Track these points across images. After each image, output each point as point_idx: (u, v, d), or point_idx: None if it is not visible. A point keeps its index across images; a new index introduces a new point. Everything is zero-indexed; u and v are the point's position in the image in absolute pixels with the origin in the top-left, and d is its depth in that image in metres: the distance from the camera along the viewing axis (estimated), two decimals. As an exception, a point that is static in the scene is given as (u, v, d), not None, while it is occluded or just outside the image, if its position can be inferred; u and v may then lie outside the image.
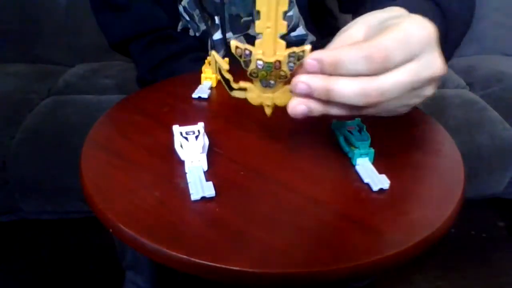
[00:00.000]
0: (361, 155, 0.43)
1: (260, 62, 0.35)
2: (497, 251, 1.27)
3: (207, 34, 0.74)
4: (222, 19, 0.72)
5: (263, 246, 0.34)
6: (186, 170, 0.42)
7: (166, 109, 0.55)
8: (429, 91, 0.36)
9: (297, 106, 0.35)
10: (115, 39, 0.77)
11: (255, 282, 0.32)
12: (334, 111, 0.35)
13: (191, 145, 0.43)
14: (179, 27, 0.77)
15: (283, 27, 0.34)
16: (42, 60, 1.43)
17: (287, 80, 0.36)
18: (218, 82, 0.62)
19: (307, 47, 0.34)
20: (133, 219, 0.36)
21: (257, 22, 0.34)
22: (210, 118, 0.54)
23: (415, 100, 0.36)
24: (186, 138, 0.44)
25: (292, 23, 0.72)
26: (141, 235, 0.34)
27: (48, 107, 1.19)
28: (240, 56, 0.35)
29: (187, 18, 0.74)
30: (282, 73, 0.36)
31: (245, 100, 0.40)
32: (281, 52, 0.35)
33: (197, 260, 0.32)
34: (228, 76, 0.38)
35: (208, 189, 0.38)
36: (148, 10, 0.74)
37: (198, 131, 0.45)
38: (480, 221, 1.35)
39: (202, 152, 0.42)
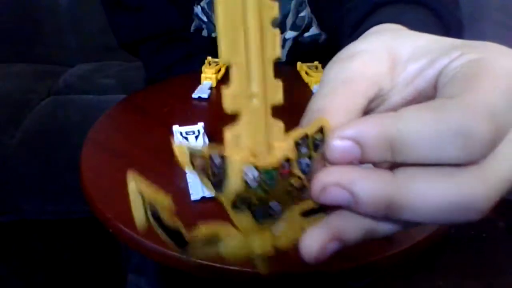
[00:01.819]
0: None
1: (252, 173, 0.17)
2: (497, 251, 1.27)
3: None
4: None
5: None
6: (186, 170, 0.42)
7: (166, 109, 0.55)
8: None
9: (326, 247, 0.17)
10: (127, 39, 0.77)
11: (255, 282, 0.32)
12: (384, 231, 0.18)
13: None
14: (192, 28, 0.77)
15: (278, 92, 0.17)
16: (42, 60, 1.43)
17: (301, 197, 0.18)
18: (218, 82, 0.61)
19: (323, 120, 0.17)
20: (133, 219, 0.36)
21: (227, 92, 0.16)
22: (210, 118, 0.54)
23: None
24: (186, 138, 0.44)
25: (305, 22, 0.72)
26: (141, 235, 0.34)
27: (48, 107, 1.19)
28: (204, 171, 0.17)
29: (204, 18, 0.74)
30: (294, 182, 0.17)
31: None
32: (283, 141, 0.17)
33: (197, 260, 0.32)
34: (173, 218, 0.18)
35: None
36: (161, 11, 0.74)
37: (198, 131, 0.45)
38: (480, 221, 1.34)
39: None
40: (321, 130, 0.17)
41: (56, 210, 1.14)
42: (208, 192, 0.38)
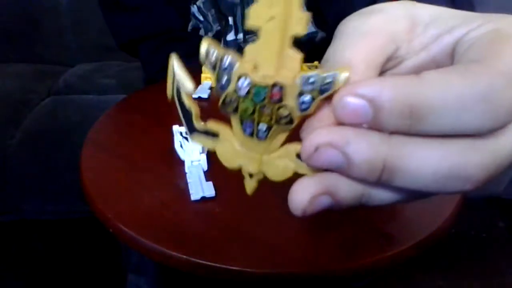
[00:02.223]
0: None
1: (244, 81, 0.18)
2: (497, 251, 1.27)
3: (220, 34, 0.74)
4: (235, 19, 0.72)
5: (263, 246, 0.34)
6: (186, 170, 0.42)
7: (166, 109, 0.55)
8: None
9: (316, 199, 0.17)
10: (124, 39, 0.77)
11: (255, 282, 0.32)
12: (379, 198, 0.17)
13: (191, 145, 0.43)
14: (189, 27, 0.77)
15: (300, 23, 0.17)
16: (42, 60, 1.44)
17: (293, 130, 0.18)
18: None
19: (343, 73, 0.16)
20: (133, 219, 0.36)
21: (252, 8, 0.17)
22: (210, 118, 0.54)
23: None
24: (186, 138, 0.44)
25: None
26: (141, 235, 0.34)
27: (48, 107, 1.19)
28: (214, 68, 0.19)
29: (201, 18, 0.74)
30: (283, 111, 0.18)
31: None
32: (291, 71, 0.17)
33: (197, 260, 0.32)
34: (190, 103, 0.20)
35: (208, 189, 0.38)
36: (159, 11, 0.74)
37: (198, 131, 0.45)
38: (480, 221, 1.35)
39: (202, 152, 0.42)
40: (334, 76, 0.16)
41: (56, 210, 1.14)
42: (208, 192, 0.38)
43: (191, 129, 0.20)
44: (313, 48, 0.73)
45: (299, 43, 0.18)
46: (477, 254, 1.26)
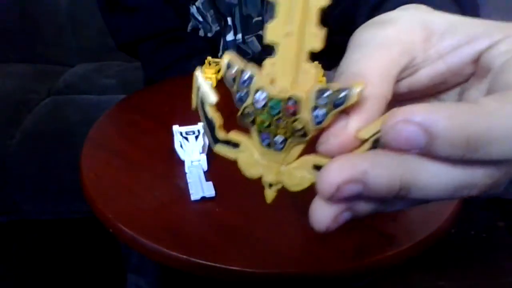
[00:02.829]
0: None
1: (261, 94, 0.19)
2: (497, 251, 1.27)
3: (220, 34, 0.74)
4: (234, 20, 0.72)
5: (263, 246, 0.34)
6: (186, 170, 0.42)
7: (166, 109, 0.55)
8: None
9: (339, 216, 0.17)
10: (124, 40, 0.77)
11: (255, 282, 0.32)
12: (394, 206, 0.18)
13: (191, 145, 0.43)
14: (189, 28, 0.77)
15: (316, 39, 0.18)
16: (42, 60, 1.43)
17: (310, 142, 0.19)
18: (219, 82, 0.61)
19: (357, 88, 0.17)
20: (133, 219, 0.36)
21: (269, 24, 0.18)
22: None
23: None
24: (186, 138, 0.44)
25: None
26: (141, 235, 0.34)
27: (48, 107, 1.19)
28: (234, 80, 0.19)
29: (200, 18, 0.74)
30: (298, 124, 0.18)
31: None
32: (306, 85, 0.18)
33: (197, 260, 0.32)
34: (214, 114, 0.21)
35: (208, 189, 0.38)
36: (159, 12, 0.74)
37: (198, 131, 0.45)
38: (480, 221, 1.35)
39: (202, 152, 0.42)
40: (348, 93, 0.17)
41: (56, 210, 1.14)
42: (208, 192, 0.38)
43: (215, 140, 0.21)
44: None
45: None
46: (477, 254, 1.26)
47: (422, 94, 0.21)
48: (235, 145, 0.21)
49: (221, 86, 0.62)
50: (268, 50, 0.55)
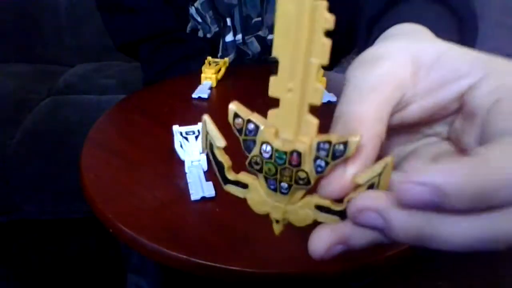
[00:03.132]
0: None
1: (267, 148, 0.21)
2: (497, 251, 1.27)
3: (219, 35, 0.74)
4: (233, 21, 0.72)
5: (263, 246, 0.34)
6: (186, 170, 0.42)
7: (166, 109, 0.55)
8: None
9: (332, 247, 0.20)
10: (123, 41, 0.77)
11: (255, 282, 0.32)
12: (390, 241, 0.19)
13: (191, 145, 0.43)
14: (188, 28, 0.77)
15: (316, 94, 0.19)
16: (42, 60, 1.44)
17: (310, 188, 0.21)
18: (218, 82, 0.61)
19: (354, 138, 0.18)
20: (133, 219, 0.36)
21: (272, 79, 0.19)
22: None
23: None
24: (186, 138, 0.44)
25: None
26: (141, 235, 0.34)
27: (48, 107, 1.19)
28: (240, 131, 0.21)
29: (199, 19, 0.74)
30: (301, 174, 0.20)
31: (246, 100, 0.30)
32: (308, 136, 0.20)
33: (197, 260, 0.32)
34: (222, 157, 0.23)
35: (208, 189, 0.38)
36: (157, 13, 0.74)
37: (198, 131, 0.45)
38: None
39: (202, 152, 0.42)
40: (345, 143, 0.18)
41: (56, 210, 1.14)
42: (208, 192, 0.38)
43: (224, 180, 0.23)
44: None
45: None
46: (477, 253, 1.26)
47: (414, 125, 0.23)
48: (244, 185, 0.23)
49: (221, 86, 0.63)
50: (268, 51, 0.56)
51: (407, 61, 0.21)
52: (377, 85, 0.20)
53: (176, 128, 0.45)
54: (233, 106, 0.21)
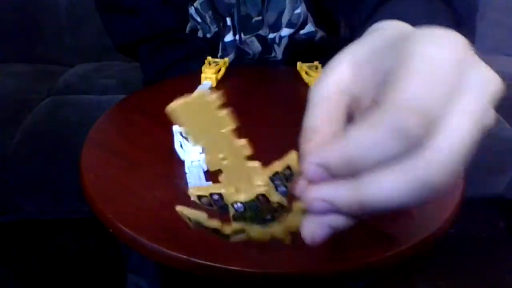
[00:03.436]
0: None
1: (238, 206, 0.24)
2: (498, 251, 1.27)
3: (219, 35, 0.74)
4: (233, 20, 0.72)
5: (263, 246, 0.34)
6: (186, 170, 0.42)
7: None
8: (491, 117, 0.23)
9: (318, 231, 0.23)
10: (122, 42, 0.77)
11: (255, 282, 0.32)
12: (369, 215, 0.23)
13: (191, 145, 0.43)
14: (187, 29, 0.77)
15: (244, 148, 0.23)
16: (42, 60, 1.43)
17: (289, 206, 0.25)
18: (218, 82, 0.61)
19: (291, 156, 0.23)
20: (133, 219, 0.36)
21: (206, 159, 0.24)
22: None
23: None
24: (186, 138, 0.44)
25: (301, 20, 0.72)
26: (141, 235, 0.34)
27: (48, 107, 1.19)
28: (211, 205, 0.25)
29: (199, 19, 0.74)
30: (274, 205, 0.24)
31: (245, 100, 0.35)
32: (260, 181, 0.24)
33: (197, 260, 0.32)
34: (213, 224, 0.26)
35: (208, 189, 0.38)
36: (157, 13, 0.74)
37: (198, 131, 0.45)
38: (480, 221, 1.35)
39: (202, 152, 0.42)
40: (288, 167, 0.23)
41: (56, 210, 1.14)
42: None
43: (226, 237, 0.26)
44: (312, 47, 0.73)
45: (298, 43, 0.27)
46: (477, 254, 1.26)
47: None
48: (242, 230, 0.26)
49: (220, 85, 0.63)
50: (269, 50, 0.57)
51: (349, 65, 0.24)
52: (326, 95, 0.24)
53: (176, 128, 0.45)
54: (193, 191, 0.25)
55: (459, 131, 0.20)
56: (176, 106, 0.22)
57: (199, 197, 0.25)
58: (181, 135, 0.44)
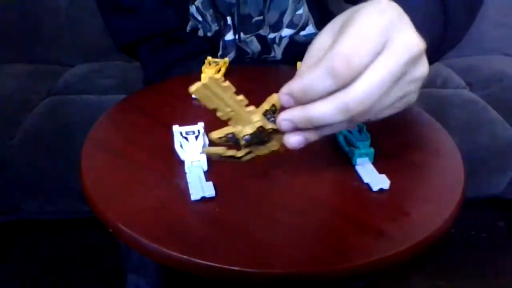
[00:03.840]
0: (361, 155, 0.43)
1: (246, 137, 0.35)
2: (497, 251, 1.27)
3: (219, 34, 0.74)
4: (233, 19, 0.72)
5: (263, 246, 0.34)
6: (186, 170, 0.42)
7: (166, 109, 0.55)
8: (419, 71, 0.32)
9: (291, 138, 0.34)
10: (124, 42, 0.76)
11: (255, 282, 0.32)
12: (328, 131, 0.34)
13: (191, 145, 0.43)
14: (188, 28, 0.77)
15: (242, 100, 0.34)
16: (42, 60, 1.43)
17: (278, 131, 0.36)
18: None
19: (274, 97, 0.34)
20: (133, 219, 0.36)
21: (218, 114, 0.34)
22: (210, 118, 0.54)
23: (409, 88, 0.33)
24: (186, 138, 0.44)
25: (302, 21, 0.72)
26: (141, 235, 0.34)
27: (48, 107, 1.19)
28: (227, 141, 0.35)
29: (199, 18, 0.74)
30: (269, 130, 0.35)
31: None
32: (257, 118, 0.35)
33: (197, 260, 0.32)
34: (229, 153, 0.36)
35: (208, 189, 0.38)
36: (158, 12, 0.74)
37: (198, 131, 0.45)
38: (480, 221, 1.35)
39: (202, 152, 0.42)
40: (273, 104, 0.35)
41: (56, 210, 1.14)
42: (208, 192, 0.38)
43: (239, 159, 0.37)
44: None
45: (298, 44, 0.43)
46: (477, 253, 1.26)
47: None
48: (250, 152, 0.37)
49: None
50: (268, 50, 0.62)
51: (330, 35, 0.33)
52: (310, 54, 0.34)
53: (176, 128, 0.45)
54: (214, 134, 0.35)
55: (373, 78, 0.30)
56: (195, 87, 0.32)
57: (219, 138, 0.35)
58: (181, 135, 0.44)
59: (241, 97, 0.33)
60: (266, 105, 0.34)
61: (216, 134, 0.34)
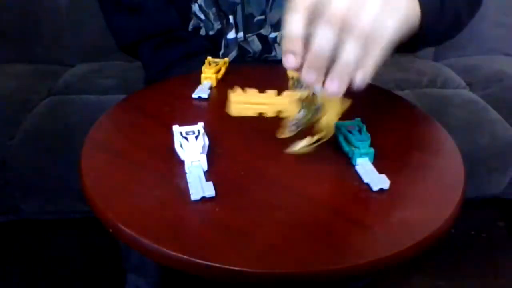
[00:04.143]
0: (361, 155, 0.43)
1: (317, 105, 0.43)
2: (497, 251, 1.27)
3: (221, 33, 0.74)
4: (236, 18, 0.72)
5: (263, 246, 0.34)
6: (186, 170, 0.42)
7: (166, 109, 0.55)
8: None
9: (328, 84, 0.37)
10: (126, 41, 0.76)
11: (255, 282, 0.32)
12: (345, 62, 0.36)
13: (191, 145, 0.43)
14: (190, 26, 0.77)
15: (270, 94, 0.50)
16: (42, 60, 1.43)
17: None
18: (218, 82, 0.62)
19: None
20: (133, 219, 0.36)
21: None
22: (210, 118, 0.54)
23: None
24: (186, 138, 0.44)
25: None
26: (141, 235, 0.34)
27: (48, 107, 1.19)
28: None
29: (202, 16, 0.74)
30: (314, 100, 0.43)
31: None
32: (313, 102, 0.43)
33: (197, 260, 0.32)
34: (315, 139, 0.43)
35: (208, 189, 0.38)
36: (160, 11, 0.74)
37: (198, 131, 0.45)
38: (480, 221, 1.35)
39: (202, 152, 0.42)
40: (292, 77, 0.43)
41: (56, 210, 1.14)
42: (208, 192, 0.38)
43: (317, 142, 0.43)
44: None
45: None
46: (477, 253, 1.26)
47: None
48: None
49: (221, 86, 0.63)
50: (268, 50, 0.64)
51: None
52: (295, 9, 0.39)
53: (176, 128, 0.45)
54: (294, 75, 0.43)
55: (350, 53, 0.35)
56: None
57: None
58: (181, 135, 0.44)
59: (269, 91, 0.43)
60: (302, 94, 0.42)
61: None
